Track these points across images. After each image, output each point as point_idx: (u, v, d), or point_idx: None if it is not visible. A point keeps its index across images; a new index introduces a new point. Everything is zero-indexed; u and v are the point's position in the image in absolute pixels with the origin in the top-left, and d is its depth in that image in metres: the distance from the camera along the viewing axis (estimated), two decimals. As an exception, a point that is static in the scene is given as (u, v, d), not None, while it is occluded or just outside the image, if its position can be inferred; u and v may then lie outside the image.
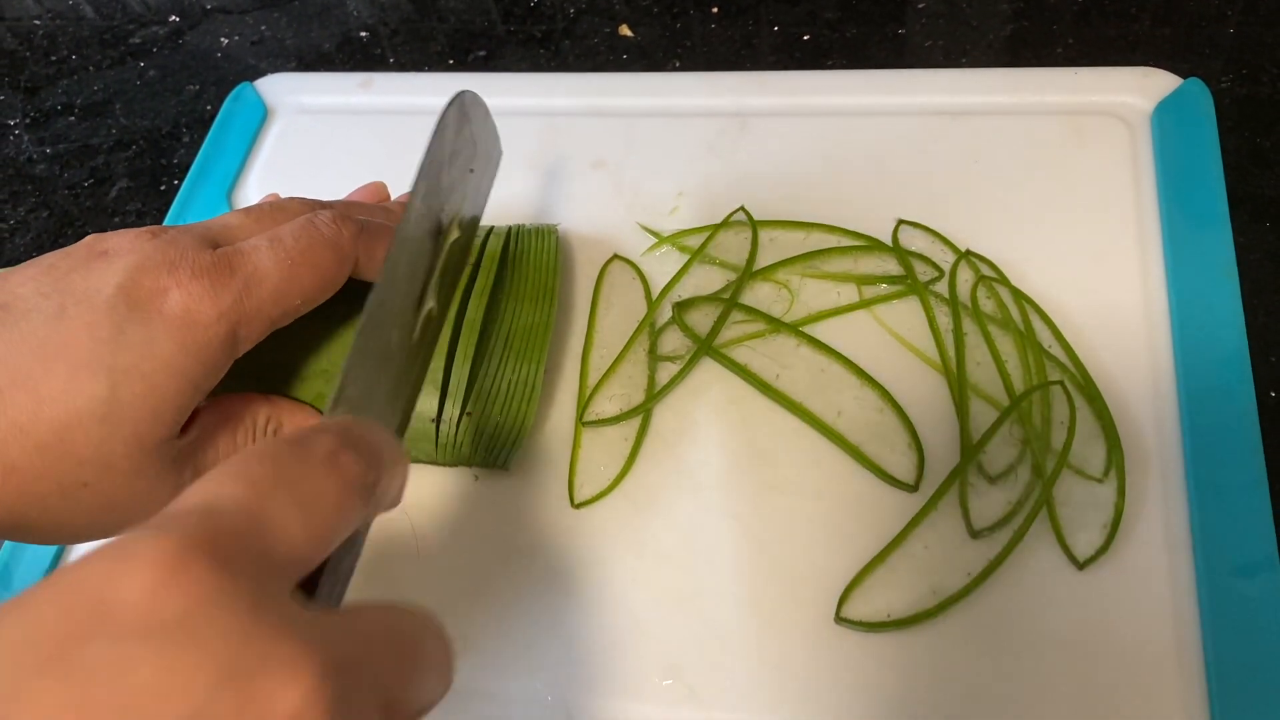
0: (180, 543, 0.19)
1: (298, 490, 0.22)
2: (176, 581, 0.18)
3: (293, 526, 0.21)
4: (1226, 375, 0.40)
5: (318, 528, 0.22)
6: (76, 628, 0.17)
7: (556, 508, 0.41)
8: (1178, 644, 0.35)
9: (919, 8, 0.57)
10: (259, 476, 0.21)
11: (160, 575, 0.18)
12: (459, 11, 0.63)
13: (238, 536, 0.20)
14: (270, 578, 0.20)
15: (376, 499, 0.24)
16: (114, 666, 0.17)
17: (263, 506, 0.21)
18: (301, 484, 0.22)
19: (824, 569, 0.38)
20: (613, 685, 0.37)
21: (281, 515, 0.21)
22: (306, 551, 0.21)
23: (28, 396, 0.29)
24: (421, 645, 0.22)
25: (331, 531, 0.22)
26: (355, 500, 0.23)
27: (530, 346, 0.41)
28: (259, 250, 0.33)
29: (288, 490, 0.21)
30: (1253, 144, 0.48)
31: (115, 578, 0.18)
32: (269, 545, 0.20)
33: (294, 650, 0.18)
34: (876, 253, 0.45)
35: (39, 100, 0.63)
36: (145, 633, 0.17)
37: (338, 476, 0.22)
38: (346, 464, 0.23)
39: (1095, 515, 0.38)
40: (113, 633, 0.17)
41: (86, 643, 0.17)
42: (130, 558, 0.18)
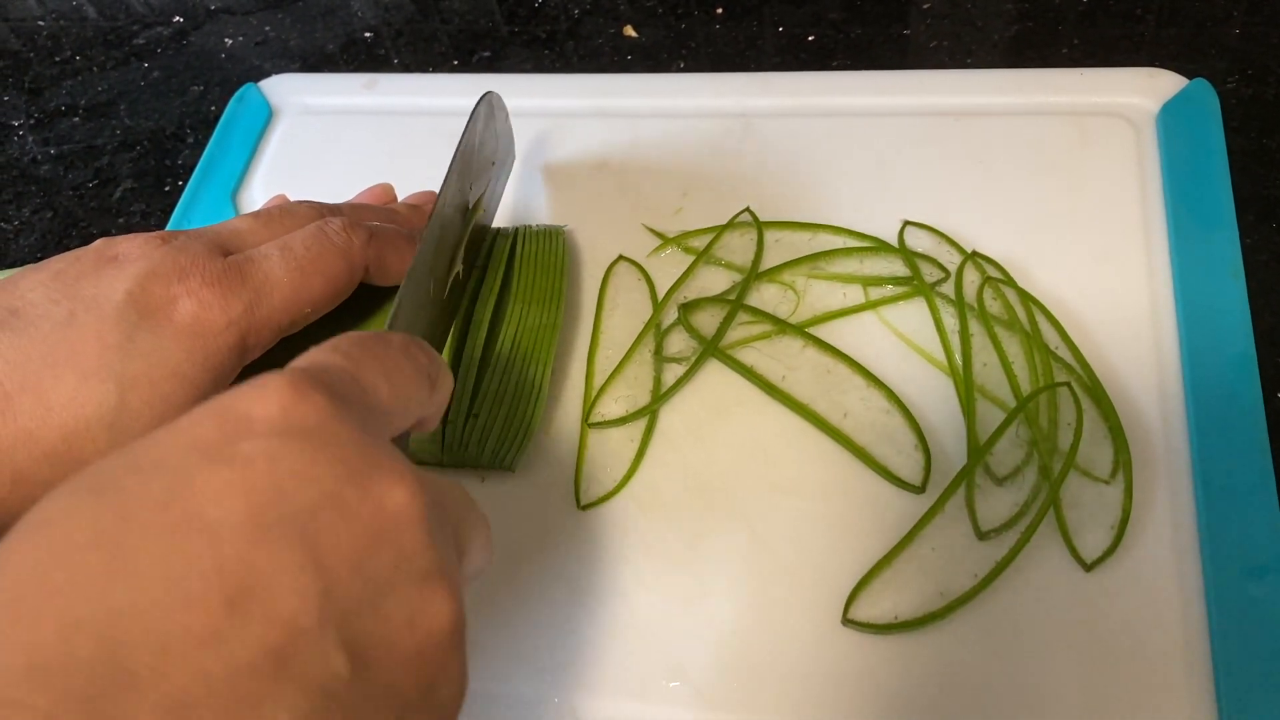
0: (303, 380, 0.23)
1: (383, 364, 0.26)
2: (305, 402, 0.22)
3: (381, 388, 0.25)
4: (1233, 376, 0.40)
5: (400, 393, 0.26)
6: (231, 432, 0.21)
7: (562, 509, 0.41)
8: (1186, 645, 0.35)
9: (923, 8, 0.57)
10: (353, 351, 0.25)
11: (292, 397, 0.22)
12: (463, 12, 0.63)
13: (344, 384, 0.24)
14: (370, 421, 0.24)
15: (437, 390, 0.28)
16: (266, 456, 0.21)
17: (358, 369, 0.25)
18: (386, 360, 0.26)
19: (831, 570, 0.38)
20: (619, 687, 0.37)
21: (373, 379, 0.25)
22: (393, 409, 0.26)
23: (36, 403, 0.29)
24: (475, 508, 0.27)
25: (409, 400, 0.27)
26: (423, 383, 0.27)
27: (537, 348, 0.41)
28: (269, 258, 0.33)
29: (376, 362, 0.26)
30: (1259, 144, 0.48)
31: (255, 399, 0.22)
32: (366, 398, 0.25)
33: (398, 464, 0.22)
34: (882, 254, 0.45)
35: (43, 101, 0.63)
36: (287, 434, 0.21)
37: (411, 360, 0.27)
38: (415, 353, 0.27)
39: (1103, 516, 0.38)
40: (261, 433, 0.21)
41: (241, 440, 0.21)
42: (265, 387, 0.22)
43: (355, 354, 0.25)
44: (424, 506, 0.22)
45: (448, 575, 0.23)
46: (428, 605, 0.22)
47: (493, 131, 0.44)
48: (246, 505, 0.20)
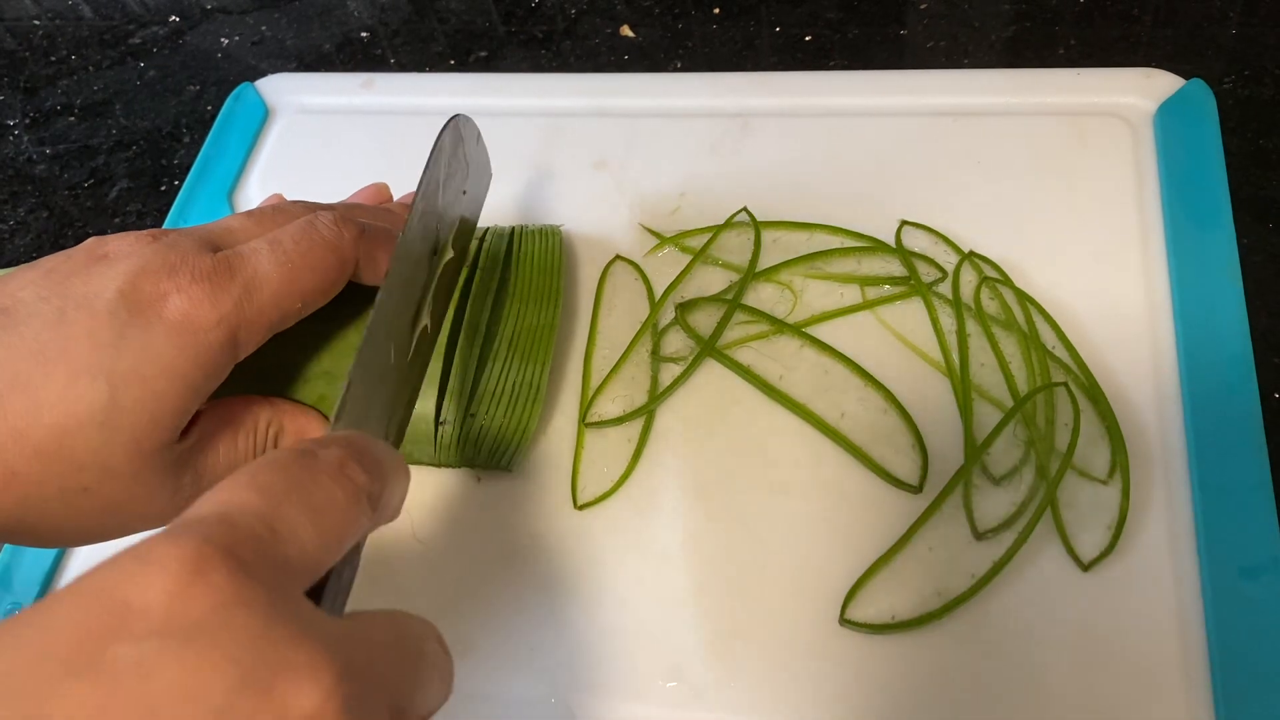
0: (199, 547, 0.19)
1: (309, 498, 0.22)
2: (196, 585, 0.19)
3: (305, 533, 0.22)
4: (1230, 376, 0.40)
5: (328, 534, 0.22)
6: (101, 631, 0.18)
7: (559, 509, 0.41)
8: (1182, 645, 0.35)
9: (921, 8, 0.57)
10: (271, 485, 0.22)
11: (181, 579, 0.19)
12: (459, 12, 0.63)
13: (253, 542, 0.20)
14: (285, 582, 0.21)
15: (380, 509, 0.25)
16: (139, 668, 0.17)
17: (276, 513, 0.21)
18: (312, 492, 0.22)
19: (828, 571, 0.38)
20: (616, 687, 0.37)
21: (294, 522, 0.22)
22: (318, 557, 0.22)
23: (27, 401, 0.29)
24: (424, 651, 0.23)
25: (341, 538, 0.23)
26: (362, 509, 0.24)
27: (535, 348, 0.41)
28: (259, 253, 0.33)
29: (299, 498, 0.22)
30: (1255, 145, 0.48)
31: (137, 581, 0.19)
32: (283, 551, 0.21)
33: (311, 654, 0.19)
34: (879, 254, 0.45)
35: (39, 100, 0.63)
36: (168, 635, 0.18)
37: (346, 486, 0.23)
38: (353, 474, 0.24)
39: (1100, 517, 0.38)
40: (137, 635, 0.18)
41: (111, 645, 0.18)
42: (151, 562, 0.19)
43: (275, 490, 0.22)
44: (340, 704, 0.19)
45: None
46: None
47: (461, 159, 0.41)
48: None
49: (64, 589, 0.19)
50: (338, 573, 0.25)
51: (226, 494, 0.22)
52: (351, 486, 0.23)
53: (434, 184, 0.37)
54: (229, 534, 0.20)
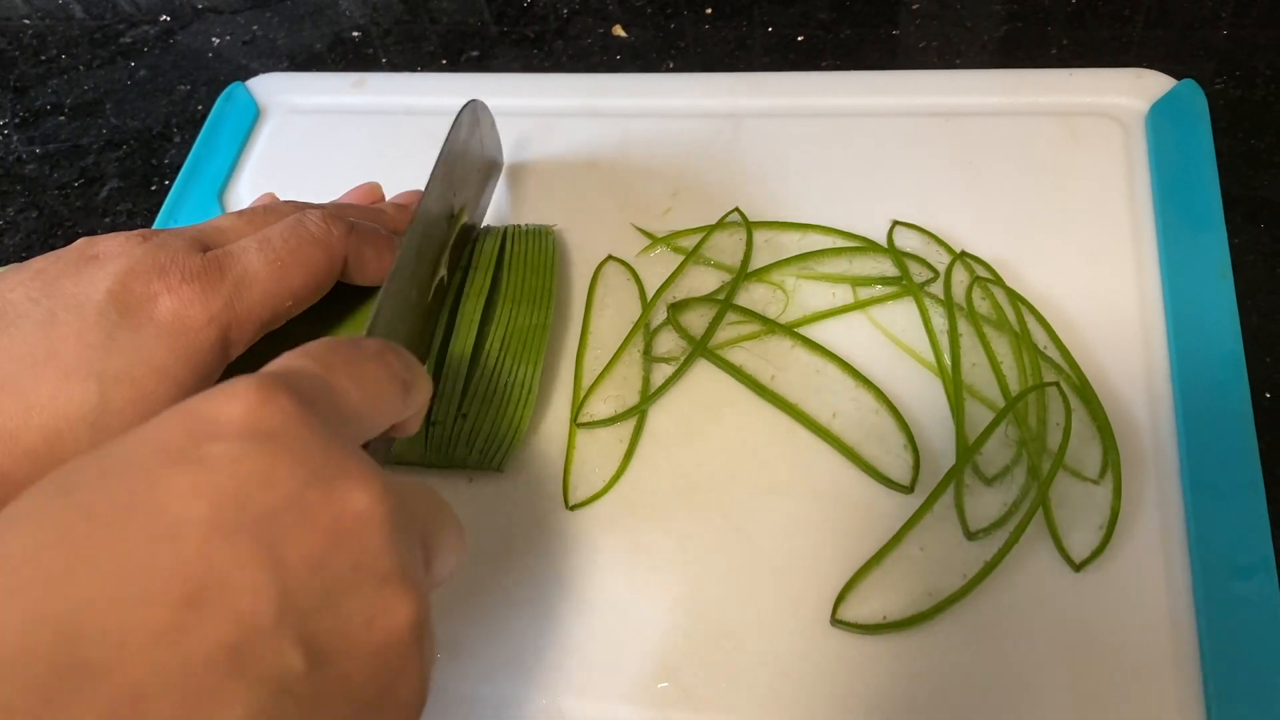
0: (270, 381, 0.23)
1: (356, 369, 0.26)
2: (270, 404, 0.22)
3: (353, 394, 0.26)
4: (1222, 376, 0.40)
5: (371, 400, 0.26)
6: (197, 434, 0.22)
7: (551, 510, 0.41)
8: (1174, 644, 0.35)
9: (913, 9, 0.57)
10: (324, 356, 0.26)
11: (257, 399, 0.22)
12: (451, 12, 0.63)
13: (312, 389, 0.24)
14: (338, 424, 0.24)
15: (411, 398, 0.28)
16: (228, 460, 0.21)
17: (329, 375, 0.25)
18: (358, 366, 0.26)
19: (820, 571, 0.38)
20: (608, 688, 0.37)
21: (343, 384, 0.25)
22: (363, 415, 0.26)
23: (17, 403, 0.29)
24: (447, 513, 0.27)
25: (381, 407, 0.27)
26: (397, 390, 0.28)
27: (527, 348, 0.41)
28: (248, 252, 0.33)
29: (348, 368, 0.26)
30: (1247, 145, 0.48)
31: (223, 402, 0.22)
32: (336, 402, 0.25)
33: (362, 467, 0.23)
34: (871, 254, 0.45)
35: (28, 100, 0.63)
36: (250, 437, 0.22)
37: (385, 367, 0.27)
38: (390, 360, 0.28)
39: (1091, 516, 0.38)
40: (225, 436, 0.22)
41: (205, 443, 0.21)
42: (232, 390, 0.23)
43: (327, 359, 0.26)
44: (388, 511, 0.23)
45: (409, 578, 0.23)
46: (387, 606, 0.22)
47: (478, 139, 0.44)
48: (208, 506, 0.20)
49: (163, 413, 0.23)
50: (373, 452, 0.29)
51: (290, 360, 0.26)
52: (389, 369, 0.27)
53: (452, 155, 0.40)
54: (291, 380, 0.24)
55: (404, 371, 0.28)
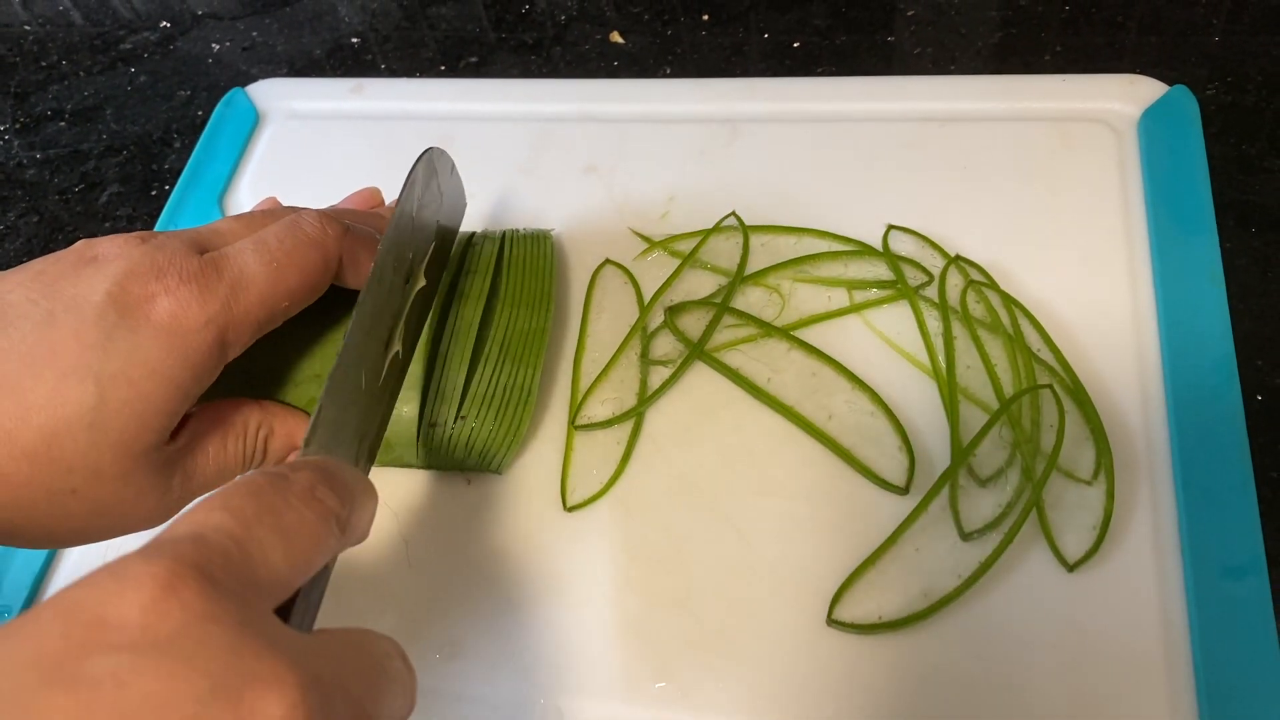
0: (172, 565, 0.20)
1: (279, 521, 0.23)
2: (169, 601, 0.20)
3: (275, 553, 0.23)
4: (1214, 379, 0.40)
5: (298, 555, 0.24)
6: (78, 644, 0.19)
7: (549, 511, 0.41)
8: (1166, 645, 0.35)
9: (908, 15, 0.58)
10: (243, 507, 0.23)
11: (154, 594, 0.20)
12: (449, 18, 0.63)
13: (225, 561, 0.22)
14: (254, 599, 0.22)
15: (349, 531, 0.26)
16: (114, 679, 0.18)
17: (247, 535, 0.23)
18: (283, 515, 0.24)
19: (815, 571, 0.38)
20: (606, 688, 0.37)
21: (265, 543, 0.23)
22: (287, 576, 0.23)
23: (15, 403, 0.29)
24: (387, 667, 0.24)
25: (310, 559, 0.24)
26: (330, 531, 0.25)
27: (527, 351, 0.41)
28: (244, 253, 0.33)
29: (271, 520, 0.23)
30: (1238, 150, 0.49)
31: (113, 597, 0.20)
32: (253, 570, 0.22)
33: (278, 666, 0.20)
34: (867, 257, 0.46)
35: (29, 105, 0.63)
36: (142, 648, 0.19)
37: (315, 509, 0.25)
38: (323, 498, 0.25)
39: (1084, 517, 0.38)
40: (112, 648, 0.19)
41: (88, 657, 0.19)
42: (126, 579, 0.20)
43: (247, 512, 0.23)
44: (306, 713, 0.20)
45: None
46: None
47: (434, 190, 0.41)
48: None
49: (43, 604, 0.20)
50: (306, 592, 0.26)
51: (201, 515, 0.23)
52: (321, 510, 0.25)
53: (406, 215, 0.37)
54: (201, 553, 0.21)
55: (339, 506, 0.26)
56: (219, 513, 0.23)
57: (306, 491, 0.25)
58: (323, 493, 0.25)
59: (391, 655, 0.24)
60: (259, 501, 0.24)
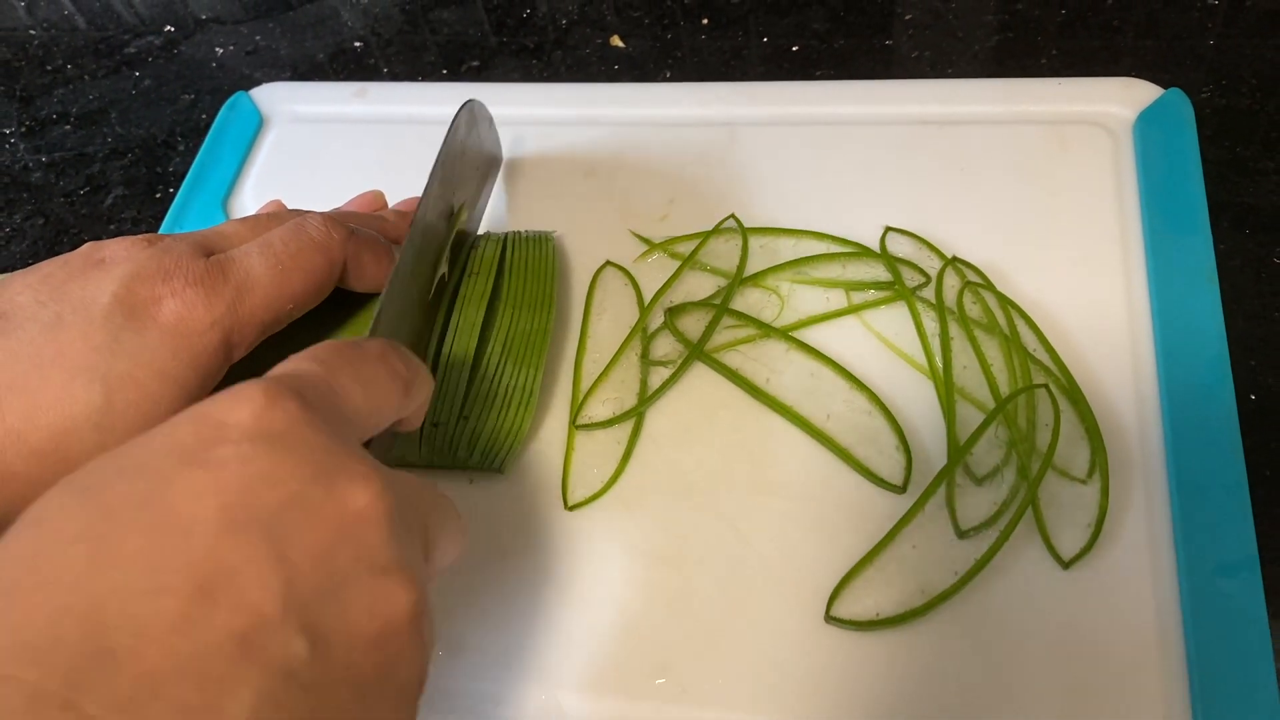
0: (275, 386, 0.25)
1: (358, 371, 0.28)
2: (275, 408, 0.24)
3: (355, 395, 0.27)
4: (1207, 378, 0.41)
5: (373, 399, 0.28)
6: (208, 437, 0.23)
7: (550, 510, 0.42)
8: (1160, 641, 0.36)
9: (906, 19, 0.58)
10: (328, 359, 0.27)
11: (263, 404, 0.24)
12: (451, 23, 0.64)
13: (316, 391, 0.26)
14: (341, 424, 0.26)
15: (412, 396, 0.30)
16: (237, 460, 0.23)
17: (333, 377, 0.27)
18: (361, 367, 0.28)
19: (814, 569, 0.39)
20: (606, 684, 0.38)
21: (347, 385, 0.27)
22: (365, 415, 0.28)
23: (24, 403, 0.30)
24: (448, 508, 0.29)
25: (382, 406, 0.28)
26: (398, 389, 0.29)
27: (529, 352, 0.42)
28: (249, 256, 0.33)
29: (351, 370, 0.28)
30: (1233, 153, 0.49)
31: (231, 406, 0.24)
32: (339, 402, 0.26)
33: (364, 465, 0.24)
34: (865, 259, 0.46)
35: (34, 109, 0.64)
36: (257, 439, 0.23)
37: (386, 367, 0.29)
38: (392, 360, 0.29)
39: (1079, 515, 0.38)
40: (234, 439, 0.23)
41: (216, 446, 0.23)
42: (240, 394, 0.24)
43: (331, 361, 0.27)
44: (387, 506, 0.24)
45: (407, 569, 0.24)
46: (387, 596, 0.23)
47: (476, 138, 0.45)
48: (218, 504, 0.22)
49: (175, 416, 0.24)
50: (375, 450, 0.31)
51: (293, 363, 0.27)
52: (391, 369, 0.29)
53: (451, 155, 0.42)
54: (298, 382, 0.25)
55: (405, 371, 0.30)
56: (308, 362, 0.27)
57: (380, 353, 0.29)
58: (392, 356, 0.29)
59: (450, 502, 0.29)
60: (341, 355, 0.28)
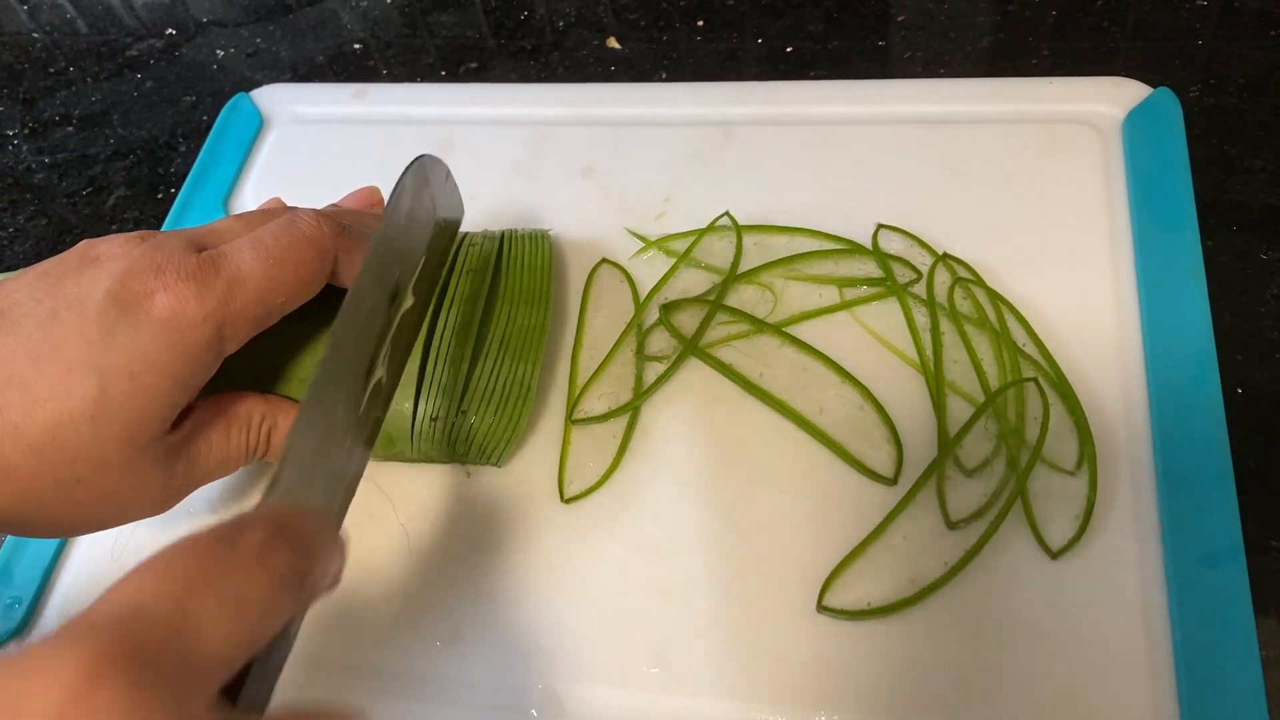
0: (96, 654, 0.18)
1: (224, 589, 0.21)
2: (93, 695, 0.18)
3: (218, 629, 0.21)
4: (1194, 372, 0.41)
5: (244, 628, 0.21)
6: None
7: (546, 503, 0.42)
8: (1147, 629, 0.36)
9: (899, 20, 0.59)
10: (184, 575, 0.21)
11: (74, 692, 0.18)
12: (450, 25, 0.64)
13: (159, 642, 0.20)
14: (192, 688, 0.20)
15: (309, 590, 0.24)
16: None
17: (187, 608, 0.20)
18: (228, 582, 0.21)
19: (806, 560, 0.39)
20: (601, 673, 0.38)
21: (206, 617, 0.21)
22: (231, 654, 0.21)
23: (21, 397, 0.30)
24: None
25: (258, 631, 0.22)
26: (285, 595, 0.23)
27: (526, 348, 0.42)
28: (241, 251, 0.34)
29: (214, 590, 0.21)
30: (1220, 151, 0.50)
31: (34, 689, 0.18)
32: (192, 650, 0.20)
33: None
34: (857, 256, 0.47)
35: (37, 111, 0.65)
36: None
37: (267, 572, 0.22)
38: (277, 558, 0.23)
39: (1068, 507, 0.39)
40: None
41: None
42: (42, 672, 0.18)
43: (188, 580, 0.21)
44: None
45: None
46: None
47: (426, 201, 0.39)
48: None
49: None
50: (262, 660, 0.24)
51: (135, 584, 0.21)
52: (274, 573, 0.22)
53: (393, 228, 0.35)
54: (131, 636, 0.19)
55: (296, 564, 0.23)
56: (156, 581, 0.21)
57: (257, 552, 0.22)
58: (276, 553, 0.23)
59: None
60: (200, 568, 0.21)
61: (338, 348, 0.31)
